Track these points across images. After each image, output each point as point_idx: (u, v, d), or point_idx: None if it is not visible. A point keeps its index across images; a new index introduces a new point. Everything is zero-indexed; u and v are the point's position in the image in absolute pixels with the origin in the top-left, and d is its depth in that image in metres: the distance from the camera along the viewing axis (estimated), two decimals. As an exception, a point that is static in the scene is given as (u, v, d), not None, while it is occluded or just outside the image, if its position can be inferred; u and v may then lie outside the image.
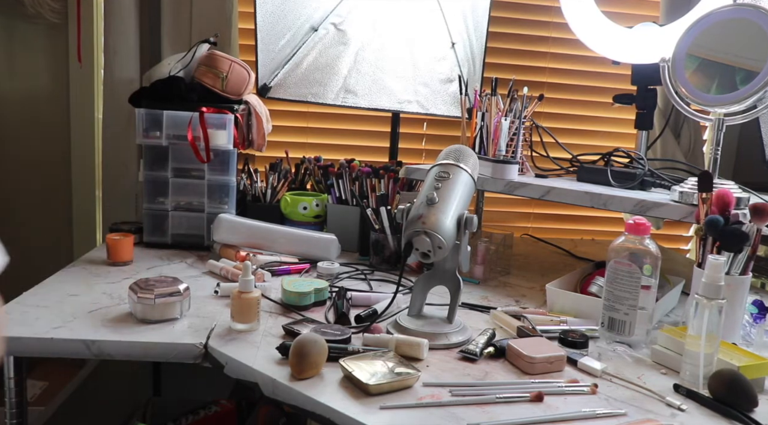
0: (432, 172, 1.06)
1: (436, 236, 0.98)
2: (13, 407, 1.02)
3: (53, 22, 1.69)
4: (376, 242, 1.44)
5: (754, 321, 1.10)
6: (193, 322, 1.06)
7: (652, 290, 1.03)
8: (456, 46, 1.83)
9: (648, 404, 0.85)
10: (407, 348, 0.95)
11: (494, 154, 1.47)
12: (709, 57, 1.20)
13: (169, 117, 1.44)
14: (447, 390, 0.86)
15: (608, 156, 1.50)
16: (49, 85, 1.74)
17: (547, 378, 0.91)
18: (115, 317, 1.05)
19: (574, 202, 1.32)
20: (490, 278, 1.43)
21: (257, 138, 1.62)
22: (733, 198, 1.08)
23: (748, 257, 1.05)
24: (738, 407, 0.83)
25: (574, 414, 0.81)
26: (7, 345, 0.95)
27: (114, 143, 1.74)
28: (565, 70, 2.04)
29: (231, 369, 0.93)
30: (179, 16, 1.73)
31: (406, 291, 1.27)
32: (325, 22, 1.73)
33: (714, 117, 1.21)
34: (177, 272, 1.33)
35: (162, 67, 1.52)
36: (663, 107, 1.89)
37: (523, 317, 1.11)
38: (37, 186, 1.77)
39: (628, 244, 1.02)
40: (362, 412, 0.79)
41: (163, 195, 1.50)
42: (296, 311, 1.13)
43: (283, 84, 1.73)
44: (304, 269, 1.39)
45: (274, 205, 1.62)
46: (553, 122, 2.03)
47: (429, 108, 1.84)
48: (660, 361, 0.99)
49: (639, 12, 2.00)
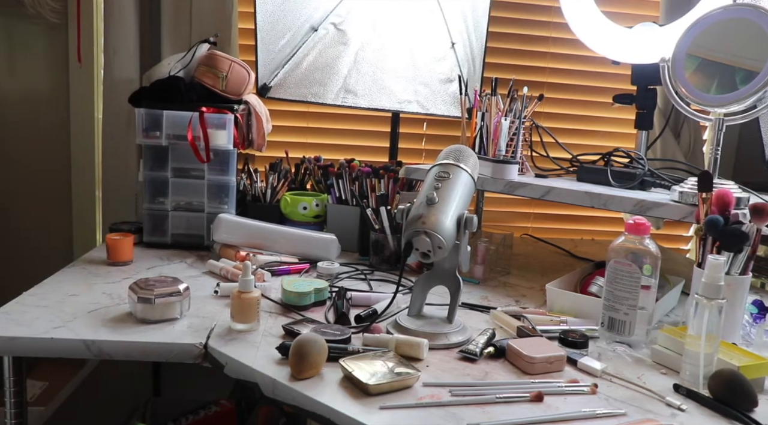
0: (432, 172, 1.06)
1: (436, 236, 0.98)
2: (13, 407, 1.02)
3: (53, 22, 1.69)
4: (376, 242, 1.44)
5: (754, 321, 1.10)
6: (193, 322, 1.06)
7: (652, 290, 1.03)
8: (456, 46, 1.83)
9: (648, 404, 0.85)
10: (407, 348, 0.95)
11: (494, 154, 1.47)
12: (709, 57, 1.20)
13: (169, 117, 1.44)
14: (447, 390, 0.86)
15: (608, 156, 1.50)
16: (49, 85, 1.74)
17: (547, 378, 0.91)
18: (115, 317, 1.05)
19: (574, 202, 1.31)
20: (490, 278, 1.43)
21: (257, 138, 1.62)
22: (733, 198, 1.08)
23: (748, 257, 1.05)
24: (738, 407, 0.83)
25: (574, 414, 0.81)
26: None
27: (114, 143, 1.74)
28: (565, 70, 2.04)
29: (231, 369, 0.93)
30: (179, 16, 1.73)
31: (406, 291, 1.27)
32: (325, 22, 1.73)
33: (714, 117, 1.21)
34: (177, 272, 1.33)
35: (162, 67, 1.52)
36: (663, 107, 1.89)
37: (523, 318, 1.11)
38: (37, 186, 1.77)
39: (628, 244, 1.02)
40: (362, 412, 0.79)
41: (163, 195, 1.50)
42: (296, 311, 1.13)
43: (283, 84, 1.73)
44: (304, 269, 1.39)
45: (274, 205, 1.62)
46: (553, 122, 2.03)
47: (429, 108, 1.84)
48: (660, 361, 0.99)
49: (639, 12, 2.00)
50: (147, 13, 1.76)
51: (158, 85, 1.47)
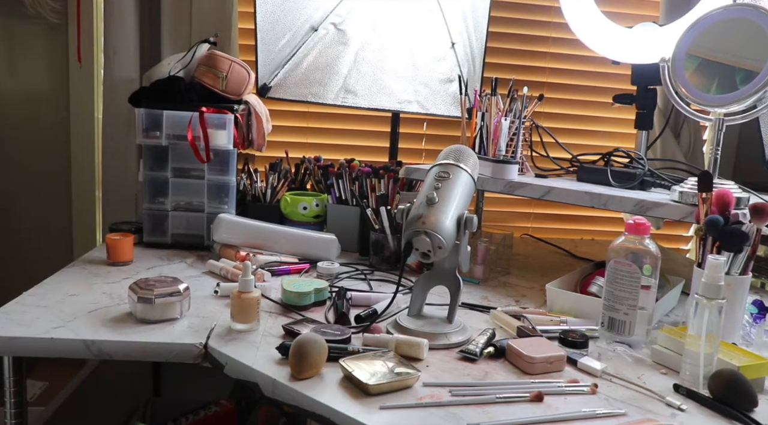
0: (432, 172, 1.06)
1: (436, 236, 0.98)
2: (13, 407, 1.02)
3: (53, 22, 1.69)
4: (376, 242, 1.44)
5: (754, 320, 1.10)
6: (193, 322, 1.06)
7: (652, 290, 1.03)
8: (456, 46, 1.83)
9: (648, 404, 0.85)
10: (407, 348, 0.95)
11: (494, 154, 1.47)
12: (709, 57, 1.20)
13: (169, 117, 1.44)
14: (447, 390, 0.86)
15: (608, 156, 1.50)
16: (49, 85, 1.74)
17: (547, 378, 0.91)
18: (115, 317, 1.05)
19: (574, 202, 1.31)
20: (490, 278, 1.43)
21: (257, 138, 1.62)
22: (733, 198, 1.08)
23: (748, 257, 1.05)
24: (738, 407, 0.83)
25: (574, 414, 0.81)
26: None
27: (114, 143, 1.74)
28: (565, 70, 2.04)
29: (231, 369, 0.93)
30: (179, 16, 1.73)
31: (406, 291, 1.27)
32: (325, 22, 1.73)
33: (714, 117, 1.21)
34: (177, 272, 1.33)
35: (162, 67, 1.52)
36: (663, 107, 1.89)
37: (523, 318, 1.11)
38: (37, 186, 1.77)
39: (628, 244, 1.02)
40: (362, 412, 0.79)
41: (163, 195, 1.50)
42: (296, 311, 1.13)
43: (283, 84, 1.73)
44: (304, 269, 1.39)
45: (274, 205, 1.62)
46: (553, 122, 2.03)
47: (429, 108, 1.84)
48: (660, 361, 0.99)
49: (639, 12, 2.00)
50: (147, 13, 1.75)
51: (158, 85, 1.47)
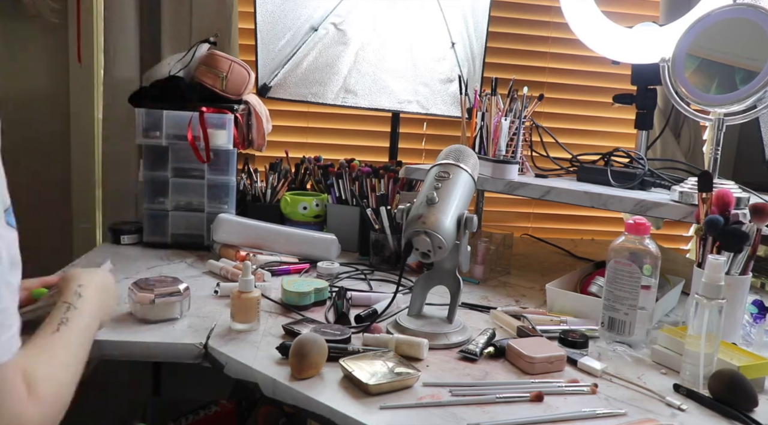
0: (432, 172, 1.06)
1: (436, 236, 0.98)
2: (13, 407, 1.02)
3: (53, 22, 1.69)
4: (376, 242, 1.44)
5: (754, 320, 1.10)
6: (193, 322, 1.05)
7: (652, 290, 1.03)
8: (456, 46, 1.83)
9: (648, 404, 0.85)
10: (407, 348, 0.95)
11: (494, 154, 1.47)
12: (709, 57, 1.20)
13: (169, 117, 1.44)
14: (447, 390, 0.86)
15: (608, 156, 1.50)
16: (49, 85, 1.74)
17: (547, 378, 0.91)
18: (115, 317, 1.05)
19: (574, 202, 1.31)
20: (490, 278, 1.43)
21: (257, 138, 1.62)
22: (733, 198, 1.08)
23: (748, 257, 1.05)
24: (738, 407, 0.83)
25: (574, 414, 0.81)
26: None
27: (114, 143, 1.74)
28: (565, 70, 2.04)
29: (231, 369, 0.93)
30: (179, 16, 1.72)
31: (406, 291, 1.27)
32: (325, 22, 1.73)
33: (714, 117, 1.21)
34: (177, 272, 1.32)
35: (162, 67, 1.52)
36: (663, 106, 1.89)
37: (523, 317, 1.11)
38: (37, 186, 1.76)
39: (628, 244, 1.02)
40: (362, 412, 0.79)
41: (163, 195, 1.50)
42: (296, 311, 1.13)
43: (283, 84, 1.73)
44: (304, 269, 1.39)
45: (274, 205, 1.62)
46: (553, 122, 2.03)
47: (429, 108, 1.84)
48: (660, 361, 0.99)
49: (639, 12, 2.00)
50: (147, 13, 1.75)
51: (158, 85, 1.47)
